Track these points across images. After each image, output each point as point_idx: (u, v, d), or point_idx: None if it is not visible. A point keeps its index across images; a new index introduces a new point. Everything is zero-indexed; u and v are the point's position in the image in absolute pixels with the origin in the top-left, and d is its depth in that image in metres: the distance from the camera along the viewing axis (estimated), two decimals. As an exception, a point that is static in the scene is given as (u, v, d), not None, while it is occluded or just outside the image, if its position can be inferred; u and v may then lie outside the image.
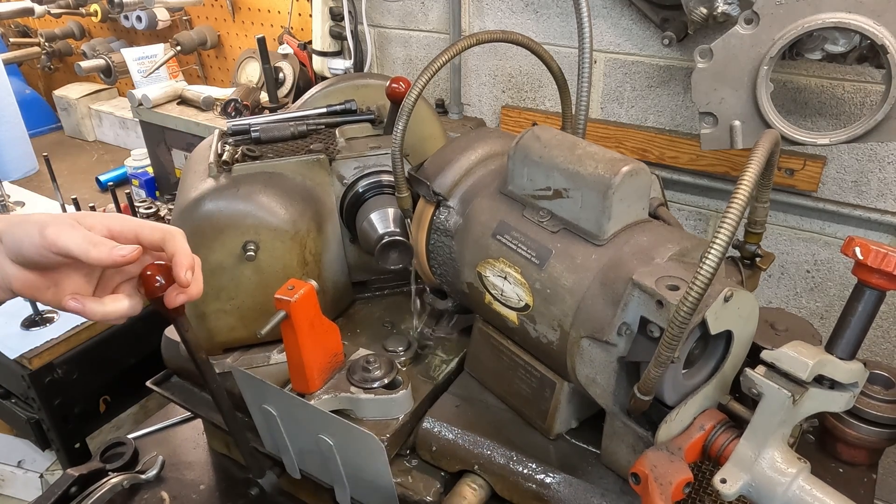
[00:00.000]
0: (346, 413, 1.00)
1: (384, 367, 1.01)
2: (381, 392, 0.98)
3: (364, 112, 1.27)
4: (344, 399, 0.99)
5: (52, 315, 1.62)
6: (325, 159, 1.13)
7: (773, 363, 0.72)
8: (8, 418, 1.75)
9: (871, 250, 0.68)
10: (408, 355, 1.11)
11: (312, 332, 0.91)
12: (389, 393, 0.98)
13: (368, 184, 1.17)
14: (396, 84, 1.22)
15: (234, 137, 1.20)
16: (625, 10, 1.68)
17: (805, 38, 1.21)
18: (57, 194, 1.93)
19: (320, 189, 1.14)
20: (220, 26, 2.60)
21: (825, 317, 1.70)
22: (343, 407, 0.99)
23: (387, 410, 0.99)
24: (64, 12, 2.76)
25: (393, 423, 0.99)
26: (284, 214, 1.07)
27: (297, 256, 1.10)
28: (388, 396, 0.98)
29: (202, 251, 1.02)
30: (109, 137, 2.87)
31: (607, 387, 0.83)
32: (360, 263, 1.25)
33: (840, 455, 1.02)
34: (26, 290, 0.75)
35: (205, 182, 1.08)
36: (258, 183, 1.08)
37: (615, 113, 1.81)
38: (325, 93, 1.37)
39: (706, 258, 0.64)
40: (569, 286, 0.86)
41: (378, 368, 1.01)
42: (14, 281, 0.74)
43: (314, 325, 0.93)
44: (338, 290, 1.22)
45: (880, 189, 1.53)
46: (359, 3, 2.04)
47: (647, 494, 0.75)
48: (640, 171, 0.85)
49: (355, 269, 1.26)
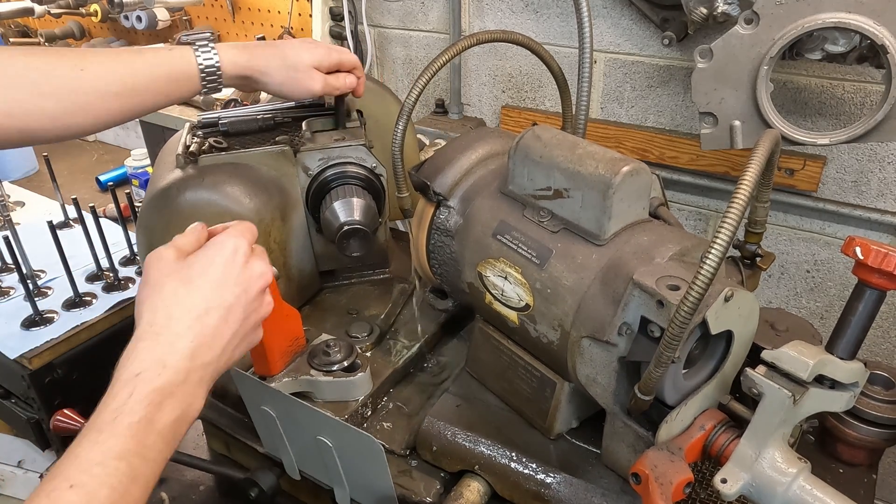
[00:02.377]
0: (306, 395, 1.02)
1: (344, 350, 1.04)
2: (340, 375, 1.01)
3: (331, 106, 1.28)
4: (304, 381, 1.01)
5: (52, 315, 1.62)
6: (289, 151, 1.16)
7: (774, 363, 0.72)
8: (8, 418, 1.75)
9: (871, 250, 0.68)
10: (370, 340, 1.14)
11: (272, 316, 0.93)
12: (348, 376, 1.02)
13: (332, 175, 1.19)
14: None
15: (203, 130, 1.24)
16: (625, 10, 1.68)
17: (805, 38, 1.21)
18: (57, 194, 1.93)
19: (286, 180, 1.17)
20: (220, 26, 2.60)
21: (825, 317, 1.70)
22: (303, 389, 1.02)
23: (346, 392, 1.03)
24: (64, 12, 2.76)
25: (352, 405, 1.02)
26: (249, 203, 1.09)
27: (261, 244, 1.11)
28: (346, 379, 1.01)
29: (169, 239, 1.04)
30: (109, 137, 2.87)
31: (608, 386, 0.83)
32: (327, 253, 1.27)
33: (840, 455, 1.02)
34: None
35: (172, 173, 1.11)
36: (223, 173, 1.10)
37: (615, 113, 1.81)
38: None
39: (707, 258, 0.64)
40: (569, 286, 0.86)
41: (338, 352, 1.04)
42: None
43: (274, 310, 0.94)
44: (304, 278, 1.25)
45: (880, 189, 1.53)
46: (359, 3, 2.04)
47: (647, 494, 0.75)
48: (640, 170, 0.85)
49: (322, 258, 1.28)
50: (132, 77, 0.97)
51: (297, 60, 1.10)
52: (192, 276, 0.72)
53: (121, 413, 0.61)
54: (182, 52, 1.02)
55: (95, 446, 0.59)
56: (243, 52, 1.07)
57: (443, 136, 1.92)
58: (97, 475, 0.58)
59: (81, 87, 0.93)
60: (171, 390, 0.65)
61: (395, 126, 1.02)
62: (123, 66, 0.97)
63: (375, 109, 1.35)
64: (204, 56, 1.02)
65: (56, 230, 1.54)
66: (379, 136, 1.26)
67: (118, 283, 1.72)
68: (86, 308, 1.64)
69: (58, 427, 1.26)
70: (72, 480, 0.57)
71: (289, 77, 1.10)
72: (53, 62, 0.92)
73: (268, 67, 1.08)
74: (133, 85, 0.97)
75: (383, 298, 1.28)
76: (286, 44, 1.12)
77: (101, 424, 0.61)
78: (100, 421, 0.61)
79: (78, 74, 0.93)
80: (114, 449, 0.59)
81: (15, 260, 1.56)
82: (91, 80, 0.93)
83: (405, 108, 1.02)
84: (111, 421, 0.61)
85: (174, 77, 1.01)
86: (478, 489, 0.94)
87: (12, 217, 1.86)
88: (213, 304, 0.71)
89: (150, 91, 0.99)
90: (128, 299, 1.67)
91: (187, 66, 1.01)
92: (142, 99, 0.99)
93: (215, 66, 1.03)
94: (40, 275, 1.75)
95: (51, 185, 1.89)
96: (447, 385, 1.10)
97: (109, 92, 0.95)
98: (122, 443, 0.60)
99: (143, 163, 2.32)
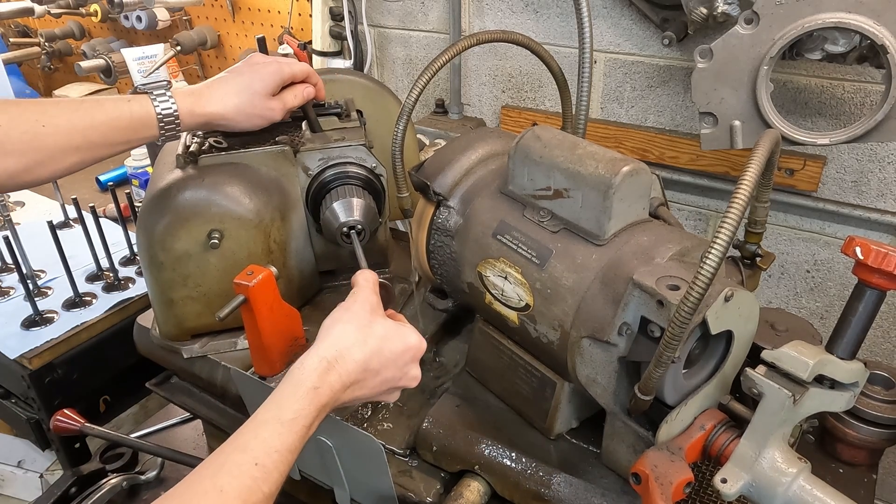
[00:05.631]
0: None
1: None
2: None
3: (332, 106, 1.29)
4: None
5: (52, 315, 1.62)
6: (289, 150, 1.16)
7: (774, 363, 0.72)
8: (8, 418, 1.75)
9: (871, 250, 0.68)
10: None
11: (272, 316, 0.94)
12: None
13: (332, 175, 1.19)
14: None
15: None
16: (625, 10, 1.68)
17: (805, 38, 1.21)
18: (57, 194, 1.93)
19: (285, 180, 1.17)
20: (220, 26, 2.60)
21: (825, 317, 1.70)
22: None
23: None
24: (64, 12, 2.76)
25: (352, 405, 1.00)
26: (249, 204, 1.10)
27: (261, 245, 1.12)
28: None
29: (169, 239, 1.06)
30: (109, 137, 2.86)
31: (608, 386, 0.83)
32: (327, 253, 1.27)
33: (840, 455, 1.02)
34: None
35: (172, 173, 1.11)
36: (223, 173, 1.11)
37: (615, 113, 1.81)
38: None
39: (707, 258, 0.64)
40: (569, 286, 0.86)
41: None
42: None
43: (273, 310, 0.95)
44: (304, 278, 1.25)
45: (880, 189, 1.53)
46: (359, 3, 2.04)
47: (647, 494, 0.75)
48: (640, 170, 0.85)
49: (322, 258, 1.28)
50: (93, 130, 0.97)
51: (250, 95, 1.09)
52: (379, 334, 0.83)
53: (300, 415, 0.74)
54: (140, 101, 1.01)
55: (278, 437, 0.71)
56: (199, 98, 1.06)
57: (443, 136, 1.92)
58: (275, 461, 0.70)
59: (44, 144, 0.92)
60: (326, 408, 0.78)
61: (395, 126, 1.02)
62: (84, 120, 0.96)
63: (375, 109, 1.36)
64: (162, 105, 1.02)
65: (56, 230, 1.54)
66: (379, 136, 1.26)
67: (118, 283, 1.72)
68: (86, 308, 1.64)
69: (58, 427, 1.26)
70: (258, 459, 0.69)
71: (246, 115, 1.10)
72: (15, 118, 0.91)
73: (225, 110, 1.08)
74: (93, 138, 0.97)
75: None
76: (237, 79, 1.10)
77: (285, 419, 0.73)
78: (283, 415, 0.73)
79: (39, 130, 0.91)
80: (288, 443, 0.72)
81: (15, 260, 1.56)
82: (52, 137, 0.93)
83: (405, 108, 1.02)
84: (291, 420, 0.73)
85: (133, 127, 1.01)
86: (478, 489, 0.94)
87: (12, 217, 1.86)
88: (376, 367, 0.82)
89: (108, 142, 0.99)
90: (128, 299, 1.67)
91: (146, 115, 1.01)
92: (101, 150, 0.99)
93: (174, 115, 1.03)
94: (40, 275, 1.75)
95: (51, 185, 1.89)
96: (447, 385, 1.10)
97: (70, 146, 0.95)
98: (295, 440, 0.73)
99: (143, 163, 2.32)
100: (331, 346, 0.80)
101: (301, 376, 0.77)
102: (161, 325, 1.18)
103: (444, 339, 1.22)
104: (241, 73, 1.11)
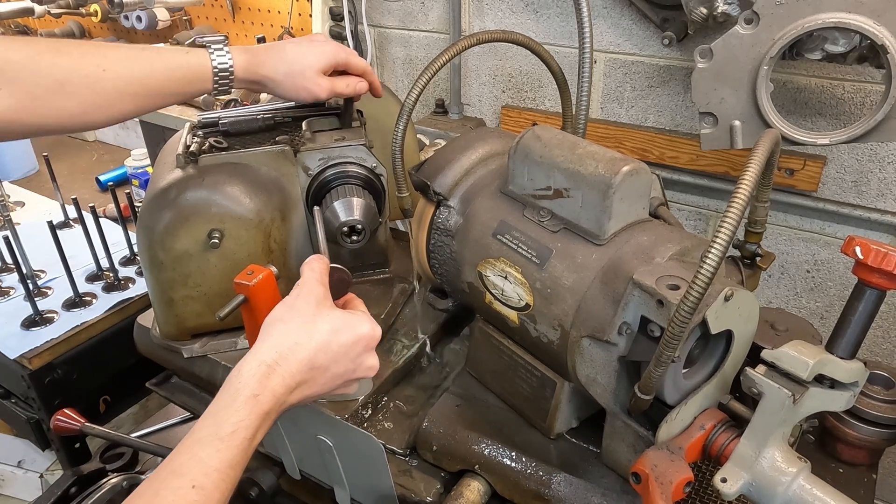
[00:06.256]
0: None
1: None
2: None
3: (332, 106, 1.29)
4: None
5: (52, 315, 1.62)
6: (289, 151, 1.16)
7: (774, 362, 0.72)
8: (8, 418, 1.75)
9: (871, 250, 0.68)
10: None
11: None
12: None
13: (332, 174, 1.19)
14: None
15: (204, 130, 1.24)
16: (625, 10, 1.68)
17: (805, 38, 1.21)
18: (57, 194, 1.93)
19: (286, 179, 1.17)
20: (220, 26, 2.60)
21: (825, 317, 1.70)
22: None
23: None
24: (64, 12, 2.76)
25: (352, 404, 1.02)
26: (249, 203, 1.10)
27: (261, 245, 1.12)
28: None
29: (169, 239, 1.06)
30: (109, 137, 2.87)
31: (608, 386, 0.83)
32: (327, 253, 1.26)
33: (840, 455, 1.02)
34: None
35: (172, 172, 1.11)
36: (223, 173, 1.11)
37: (615, 113, 1.81)
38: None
39: (707, 258, 0.64)
40: (569, 286, 0.86)
41: None
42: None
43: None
44: None
45: (880, 189, 1.53)
46: (359, 3, 2.04)
47: (647, 494, 0.75)
48: (640, 170, 0.85)
49: None
50: (151, 78, 1.00)
51: (303, 66, 1.12)
52: (327, 327, 0.78)
53: (239, 428, 0.69)
54: (198, 55, 1.05)
55: (217, 454, 0.67)
56: (254, 57, 1.10)
57: (443, 136, 1.92)
58: (214, 480, 0.66)
59: (103, 88, 0.96)
60: (271, 415, 0.73)
61: (396, 126, 1.02)
62: (143, 68, 0.99)
63: (375, 109, 1.35)
64: (219, 59, 1.05)
65: (56, 230, 1.54)
66: (379, 136, 1.26)
67: (118, 283, 1.72)
68: (86, 308, 1.64)
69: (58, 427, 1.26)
70: (195, 482, 0.65)
71: (294, 84, 1.12)
72: (77, 61, 0.94)
73: (275, 74, 1.11)
74: (151, 86, 1.00)
75: (383, 298, 1.28)
76: (294, 47, 1.13)
77: (223, 434, 0.68)
78: (221, 430, 0.68)
79: (100, 75, 0.95)
80: (230, 459, 0.67)
81: (15, 260, 1.56)
82: (112, 81, 0.96)
83: (405, 108, 1.02)
84: (230, 433, 0.68)
85: (189, 79, 1.04)
86: (478, 489, 0.94)
87: (12, 217, 1.86)
88: (324, 363, 0.78)
89: (165, 92, 1.03)
90: (127, 299, 1.67)
91: (202, 69, 1.04)
92: (157, 99, 1.03)
93: (229, 69, 1.06)
94: (40, 275, 1.75)
95: (51, 185, 1.89)
96: (447, 385, 1.10)
97: (128, 92, 0.98)
98: (236, 455, 0.68)
99: (143, 163, 2.32)
100: (271, 349, 0.75)
101: (238, 384, 0.72)
102: (161, 324, 1.18)
103: (444, 339, 1.22)
104: (299, 44, 1.13)
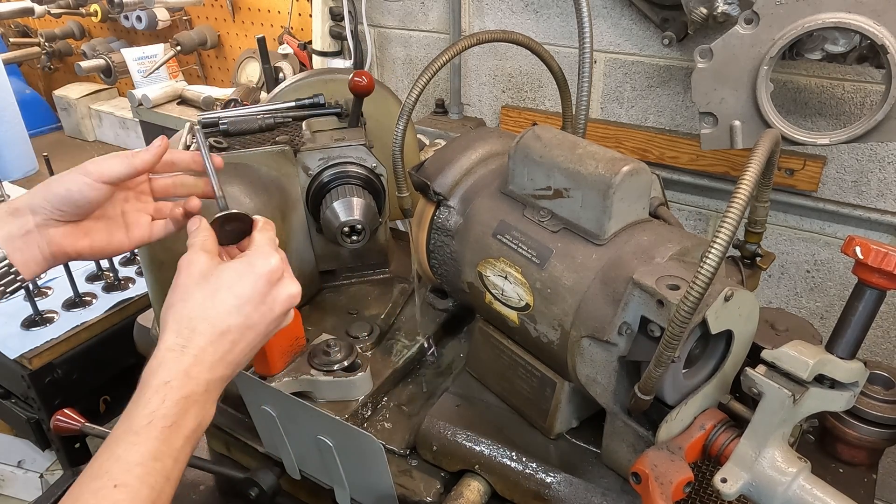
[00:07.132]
0: (306, 395, 1.03)
1: (344, 350, 1.05)
2: (340, 374, 1.02)
3: (332, 106, 1.29)
4: (304, 381, 1.02)
5: (52, 315, 1.62)
6: (289, 150, 1.16)
7: (774, 362, 0.72)
8: (8, 418, 1.75)
9: (871, 250, 0.68)
10: (370, 340, 1.14)
11: None
12: (348, 375, 1.02)
13: (332, 174, 1.19)
14: (359, 78, 1.23)
15: (204, 130, 1.23)
16: (625, 10, 1.68)
17: (805, 38, 1.21)
18: (57, 194, 1.92)
19: (286, 180, 1.17)
20: (220, 26, 2.60)
21: (825, 317, 1.70)
22: (303, 389, 1.03)
23: (346, 392, 1.03)
24: (64, 12, 2.76)
25: (353, 404, 1.02)
26: (249, 203, 1.10)
27: None
28: (346, 379, 1.02)
29: (169, 239, 1.05)
30: (109, 137, 2.87)
31: (608, 386, 0.83)
32: (327, 253, 1.28)
33: (840, 455, 1.02)
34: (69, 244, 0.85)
35: None
36: (223, 173, 1.09)
37: (615, 113, 1.81)
38: (294, 87, 1.40)
39: (707, 258, 0.64)
40: (569, 286, 0.86)
41: (338, 352, 1.05)
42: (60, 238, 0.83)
43: None
44: (304, 278, 1.24)
45: (880, 189, 1.53)
46: (359, 3, 2.04)
47: (647, 494, 0.75)
48: (640, 170, 0.85)
49: (322, 258, 1.28)
50: None
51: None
52: (220, 287, 0.72)
53: (154, 417, 0.65)
54: None
55: (134, 447, 0.63)
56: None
57: (443, 136, 1.92)
58: (139, 475, 0.62)
59: None
60: (195, 398, 0.68)
61: (396, 126, 1.02)
62: None
63: (375, 109, 1.36)
64: None
65: (56, 230, 1.54)
66: (379, 136, 1.26)
67: (118, 283, 1.72)
68: (86, 308, 1.64)
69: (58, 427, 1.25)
70: (116, 480, 0.61)
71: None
72: None
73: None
74: None
75: (383, 298, 1.28)
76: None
77: (137, 427, 0.64)
78: (135, 424, 0.65)
79: None
80: (151, 451, 0.64)
81: (15, 260, 1.56)
82: None
83: (405, 108, 1.02)
84: (146, 425, 0.65)
85: None
86: (478, 489, 0.94)
87: (12, 217, 1.86)
88: (236, 322, 0.72)
89: None
90: (128, 299, 1.67)
91: None
92: None
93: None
94: (40, 275, 1.75)
95: (51, 185, 1.89)
96: (447, 385, 1.10)
97: None
98: (158, 445, 0.64)
99: (143, 163, 2.31)
100: (171, 333, 0.70)
101: (146, 377, 0.68)
102: (161, 324, 1.18)
103: (444, 339, 1.22)
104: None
